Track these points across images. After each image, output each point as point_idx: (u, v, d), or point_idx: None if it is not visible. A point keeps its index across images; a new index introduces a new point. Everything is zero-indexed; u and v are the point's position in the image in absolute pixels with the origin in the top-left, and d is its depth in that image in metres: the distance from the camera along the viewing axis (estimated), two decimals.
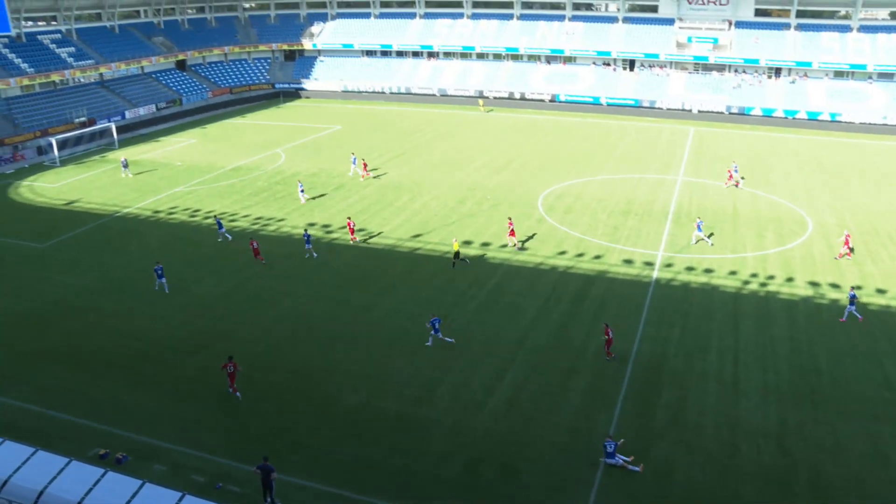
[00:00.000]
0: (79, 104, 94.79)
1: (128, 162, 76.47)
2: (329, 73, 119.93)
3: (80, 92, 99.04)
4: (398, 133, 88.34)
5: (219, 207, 60.42)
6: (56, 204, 63.99)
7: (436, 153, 77.07)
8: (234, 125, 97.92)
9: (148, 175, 72.10)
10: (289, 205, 60.43)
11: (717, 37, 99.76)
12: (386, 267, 47.28)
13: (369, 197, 61.98)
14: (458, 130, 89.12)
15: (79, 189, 68.34)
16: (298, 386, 34.60)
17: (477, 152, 76.84)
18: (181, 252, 51.18)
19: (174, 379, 35.45)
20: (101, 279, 47.14)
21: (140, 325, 40.81)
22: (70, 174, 74.57)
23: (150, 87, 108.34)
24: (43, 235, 55.79)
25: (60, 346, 38.83)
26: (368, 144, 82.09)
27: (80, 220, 59.23)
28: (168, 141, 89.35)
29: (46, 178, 73.72)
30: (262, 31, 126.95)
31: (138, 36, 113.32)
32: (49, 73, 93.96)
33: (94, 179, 71.58)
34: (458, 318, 40.44)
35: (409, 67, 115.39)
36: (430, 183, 65.54)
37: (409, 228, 54.04)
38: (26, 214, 61.51)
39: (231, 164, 74.90)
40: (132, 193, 65.75)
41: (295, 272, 47.01)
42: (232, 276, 46.83)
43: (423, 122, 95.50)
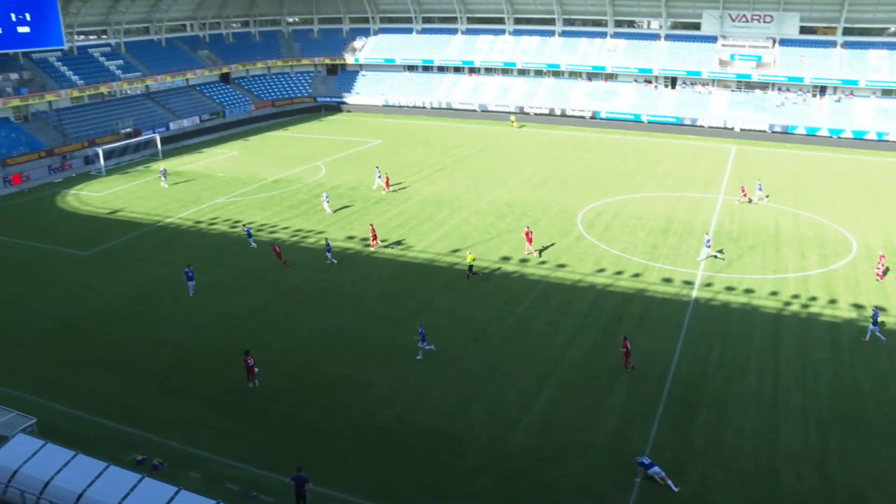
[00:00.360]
0: (125, 115, 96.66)
1: (167, 172, 77.65)
2: (370, 87, 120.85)
3: (126, 103, 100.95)
4: (438, 148, 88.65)
5: (259, 219, 61.07)
6: (100, 213, 65.16)
7: (476, 168, 77.18)
8: (275, 138, 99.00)
9: (190, 186, 73.15)
10: (328, 217, 60.88)
11: (760, 54, 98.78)
12: (424, 281, 47.38)
13: (408, 211, 62.22)
14: (498, 146, 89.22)
15: (123, 198, 69.53)
16: (334, 398, 34.74)
17: (517, 168, 76.81)
18: (220, 262, 51.80)
19: (211, 388, 35.81)
20: (141, 287, 47.86)
21: (178, 333, 41.33)
22: (115, 184, 75.92)
23: (195, 99, 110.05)
24: (87, 243, 56.82)
25: (102, 353, 39.45)
26: (408, 159, 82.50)
27: (123, 228, 60.25)
28: (211, 152, 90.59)
29: (92, 187, 75.14)
30: (305, 46, 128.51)
31: (184, 49, 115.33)
32: (98, 85, 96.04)
33: (138, 189, 72.81)
34: (494, 334, 40.36)
35: (450, 83, 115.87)
36: (470, 198, 65.63)
37: (447, 243, 54.12)
38: (72, 222, 62.72)
39: (272, 177, 75.71)
40: (174, 203, 66.73)
41: (333, 285, 47.29)
42: (270, 287, 47.25)
43: (463, 137, 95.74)
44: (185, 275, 47.04)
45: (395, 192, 68.09)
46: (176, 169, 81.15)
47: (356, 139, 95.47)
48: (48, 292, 47.87)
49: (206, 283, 47.81)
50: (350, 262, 51.07)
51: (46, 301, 46.46)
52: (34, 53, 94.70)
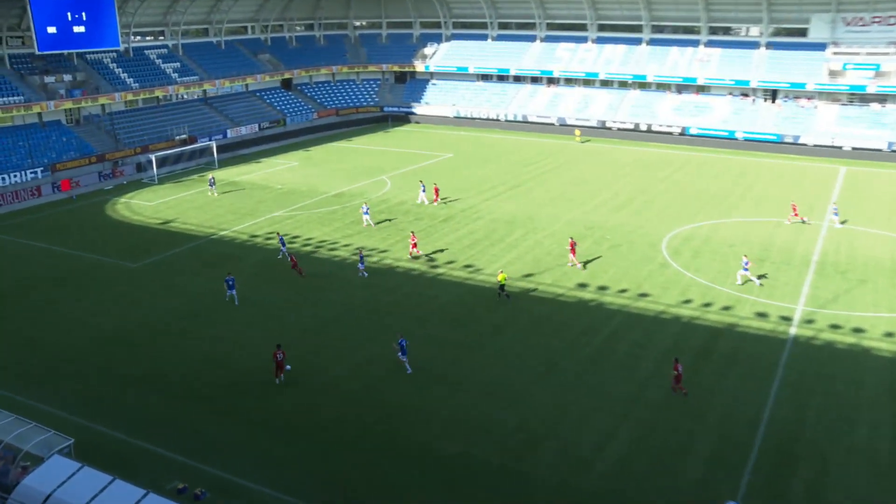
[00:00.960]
0: (180, 121, 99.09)
1: (216, 180, 79.14)
2: (441, 97, 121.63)
3: (182, 108, 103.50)
4: (512, 164, 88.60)
5: (318, 235, 61.73)
6: (151, 223, 66.71)
7: (552, 187, 76.87)
8: (338, 149, 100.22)
9: (246, 197, 74.45)
10: (393, 235, 61.22)
11: (879, 63, 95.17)
12: (493, 306, 47.17)
13: (478, 231, 62.18)
14: (577, 163, 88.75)
15: (175, 208, 71.11)
16: (393, 429, 34.66)
17: (597, 188, 76.24)
18: (276, 279, 52.45)
19: (261, 413, 36.08)
20: (191, 303, 48.71)
21: (229, 352, 41.84)
22: (167, 193, 77.75)
23: (254, 105, 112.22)
24: (136, 255, 58.18)
25: (147, 371, 40.18)
26: (480, 175, 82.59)
27: (174, 240, 61.55)
28: (269, 162, 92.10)
29: (144, 195, 77.06)
30: (373, 51, 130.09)
31: (244, 52, 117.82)
32: (153, 88, 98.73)
33: (192, 199, 74.38)
34: (568, 367, 39.86)
35: (526, 94, 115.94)
36: (545, 219, 65.30)
37: (519, 267, 53.84)
38: (121, 232, 64.33)
39: (334, 190, 76.56)
40: (229, 215, 67.92)
41: (397, 307, 47.40)
42: (329, 307, 47.59)
43: (539, 152, 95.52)
44: (226, 283, 49.02)
45: (464, 210, 68.14)
46: (232, 179, 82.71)
47: (425, 152, 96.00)
48: (94, 304, 49.09)
49: (260, 301, 48.45)
50: (415, 283, 51.20)
51: (92, 313, 47.64)
52: (89, 54, 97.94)
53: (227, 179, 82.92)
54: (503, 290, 48.21)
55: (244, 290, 50.17)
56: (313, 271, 53.70)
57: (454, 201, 71.14)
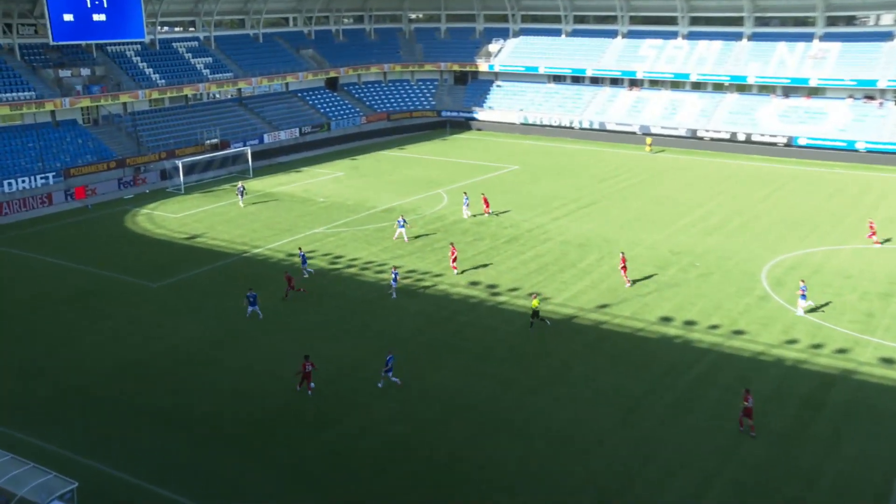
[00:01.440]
0: (212, 123, 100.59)
1: (245, 190, 80.00)
2: (507, 100, 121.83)
3: (213, 109, 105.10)
4: (587, 178, 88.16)
5: (364, 255, 61.96)
6: (176, 237, 67.66)
7: (633, 205, 76.35)
8: (389, 158, 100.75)
9: (284, 211, 75.20)
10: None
11: None
12: (562, 342, 46.75)
13: (547, 254, 61.86)
14: (662, 178, 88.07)
15: (204, 221, 72.06)
16: (442, 480, 34.36)
17: (686, 207, 75.45)
18: (316, 304, 52.67)
19: (295, 457, 36.04)
20: (219, 329, 49.07)
21: (260, 387, 41.97)
22: (195, 204, 78.86)
23: (295, 107, 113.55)
24: (158, 273, 58.98)
25: (167, 405, 40.45)
26: (550, 190, 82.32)
27: (202, 257, 62.30)
28: (311, 172, 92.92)
29: (168, 206, 78.28)
30: (430, 48, 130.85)
31: (284, 47, 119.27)
32: (181, 86, 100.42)
33: (223, 212, 75.34)
34: (648, 414, 39.20)
35: (604, 98, 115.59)
36: (624, 241, 64.72)
37: (593, 296, 53.38)
38: (143, 247, 65.31)
39: (383, 205, 76.95)
40: (265, 231, 68.55)
41: (451, 340, 47.22)
42: (375, 337, 47.57)
43: (618, 165, 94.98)
44: (247, 299, 50.64)
45: (531, 230, 67.93)
46: (268, 190, 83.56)
47: (487, 163, 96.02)
48: (109, 328, 49.76)
49: (296, 328, 48.67)
50: (474, 312, 51.02)
51: (106, 339, 48.27)
52: (110, 46, 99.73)
53: (264, 190, 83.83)
54: (537, 316, 48.73)
55: (279, 315, 50.53)
56: (357, 296, 53.84)
57: (504, 213, 71.34)
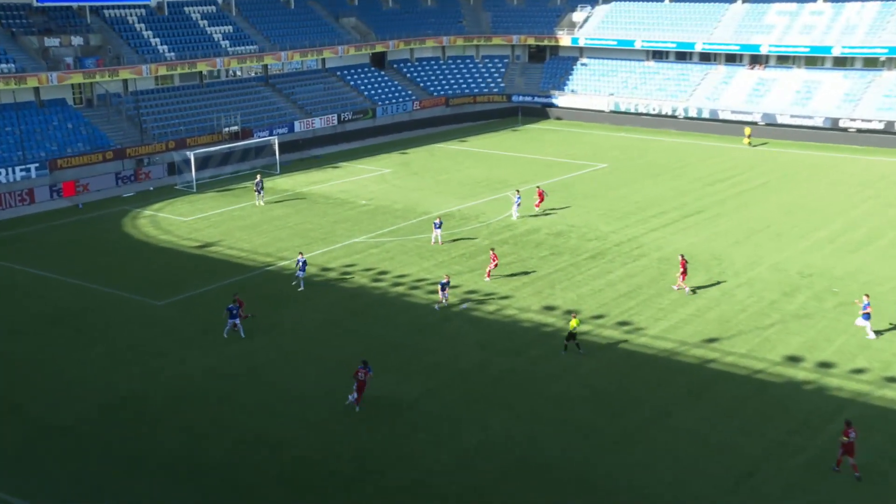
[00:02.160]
0: (231, 107, 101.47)
1: (263, 184, 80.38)
2: (594, 82, 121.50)
3: (234, 90, 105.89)
4: (693, 180, 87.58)
5: (415, 270, 61.83)
6: (186, 245, 68.22)
7: (752, 214, 75.67)
8: (448, 152, 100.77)
9: (318, 215, 75.61)
10: (518, 275, 60.89)
11: None
12: (658, 384, 46.18)
13: (640, 274, 61.31)
14: (790, 180, 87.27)
15: (220, 227, 72.62)
16: None
17: (822, 217, 74.56)
18: (357, 329, 52.56)
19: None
20: (235, 360, 49.05)
21: (287, 431, 41.86)
22: (209, 205, 79.56)
23: (333, 89, 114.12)
24: (164, 289, 59.34)
25: (172, 452, 40.48)
26: (646, 194, 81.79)
27: (216, 270, 62.65)
28: (351, 168, 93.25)
29: (177, 207, 79.06)
30: (499, 18, 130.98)
31: (321, 15, 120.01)
32: (195, 60, 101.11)
33: (243, 215, 75.90)
34: (772, 480, 38.49)
35: (718, 79, 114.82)
36: (739, 260, 64.00)
37: (698, 328, 52.72)
38: (145, 257, 65.92)
39: (439, 209, 77.01)
40: (294, 239, 68.77)
41: (521, 378, 46.82)
42: (429, 372, 47.24)
43: (734, 164, 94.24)
44: (228, 311, 50.97)
45: (620, 244, 67.43)
46: (299, 189, 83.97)
47: (568, 160, 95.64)
48: (103, 356, 49.96)
49: (334, 361, 48.40)
50: (549, 344, 50.58)
51: (98, 369, 48.41)
52: (107, 9, 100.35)
53: (294, 190, 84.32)
54: (573, 339, 49.36)
55: (311, 344, 50.52)
56: (405, 321, 53.70)
57: (554, 210, 70.61)
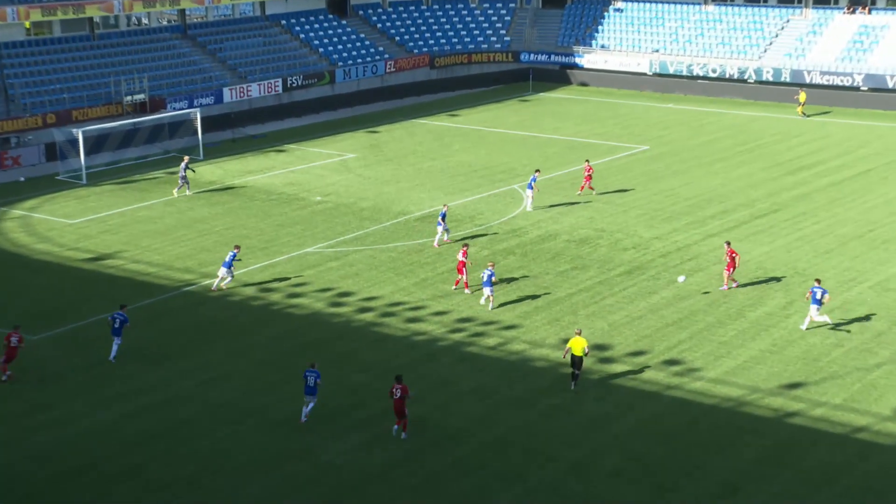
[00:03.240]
0: (135, 68, 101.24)
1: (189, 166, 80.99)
2: (631, 34, 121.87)
3: (139, 44, 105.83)
4: (768, 167, 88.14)
5: (387, 292, 61.68)
6: (72, 258, 68.08)
7: (848, 214, 76.02)
8: (433, 130, 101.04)
9: (258, 216, 75.69)
10: (530, 298, 60.81)
11: None
12: (721, 447, 45.98)
13: (695, 295, 61.14)
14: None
15: (120, 232, 72.46)
16: None
17: None
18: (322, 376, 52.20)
19: None
20: (146, 416, 48.67)
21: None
22: (105, 202, 79.55)
23: (277, 44, 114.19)
24: (40, 319, 58.83)
25: None
26: (702, 187, 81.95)
27: (115, 292, 61.91)
28: (302, 152, 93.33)
29: (59, 205, 78.99)
30: None
31: None
32: (82, 2, 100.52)
33: (152, 217, 75.87)
34: None
35: (801, 28, 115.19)
36: (831, 276, 63.90)
37: (775, 369, 52.56)
38: (13, 275, 65.68)
39: (420, 208, 77.18)
40: (223, 250, 68.24)
41: (533, 439, 46.54)
42: (414, 431, 47.13)
43: (825, 145, 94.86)
44: (111, 322, 51.83)
45: (668, 254, 67.40)
46: (230, 181, 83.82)
47: (596, 141, 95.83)
48: None
49: (280, 417, 48.30)
50: (565, 391, 50.16)
51: None
52: None
53: (223, 181, 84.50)
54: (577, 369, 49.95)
55: (244, 394, 50.12)
56: (377, 361, 53.43)
57: (582, 204, 70.60)
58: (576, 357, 49.41)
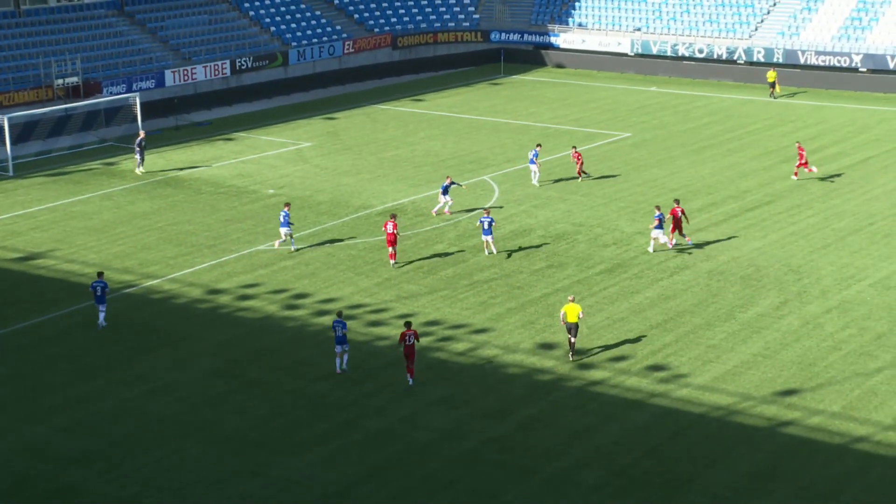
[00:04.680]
0: (67, 48, 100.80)
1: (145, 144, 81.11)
2: (612, 11, 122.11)
3: (70, 21, 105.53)
4: (759, 155, 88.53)
5: (347, 293, 61.65)
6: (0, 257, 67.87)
7: (846, 206, 76.39)
8: (396, 116, 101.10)
9: (205, 211, 75.65)
10: (499, 299, 60.93)
11: None
12: (711, 459, 46.14)
13: (683, 294, 61.34)
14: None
15: (51, 229, 72.32)
16: None
17: None
18: (264, 387, 52.10)
19: None
20: (79, 431, 48.54)
21: None
22: (35, 196, 79.35)
23: (224, 21, 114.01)
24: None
25: None
26: (689, 176, 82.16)
27: (44, 296, 62.28)
28: (253, 141, 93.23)
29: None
30: None
31: None
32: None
33: (87, 212, 75.69)
34: None
35: (795, 3, 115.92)
36: (829, 274, 64.30)
37: (768, 374, 52.66)
38: None
39: (383, 202, 77.18)
40: (166, 248, 68.52)
41: (507, 453, 46.76)
42: (369, 447, 47.05)
43: (821, 131, 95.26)
44: (93, 291, 53.31)
45: (651, 253, 67.55)
46: (173, 173, 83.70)
47: (575, 127, 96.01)
48: None
49: (229, 430, 48.23)
50: (541, 400, 50.39)
51: None
52: None
53: (165, 173, 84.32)
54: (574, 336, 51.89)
55: (190, 406, 49.83)
56: (332, 368, 53.38)
57: (560, 198, 70.77)
58: (570, 324, 50.93)
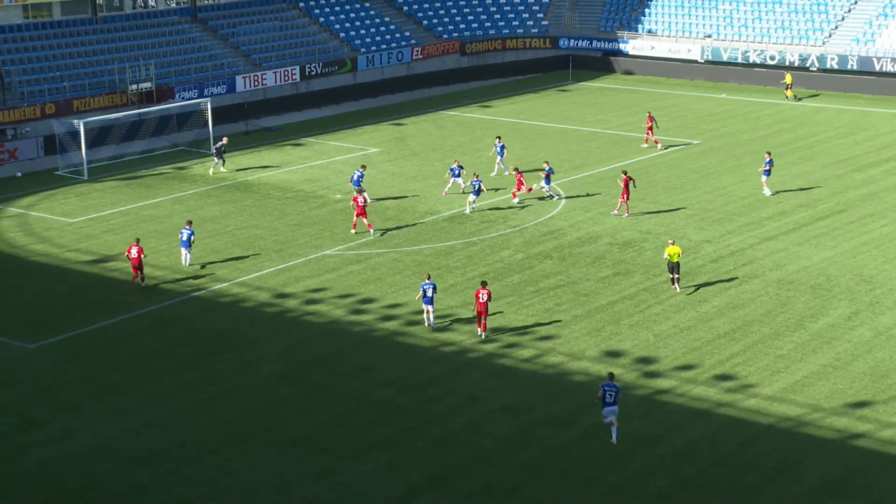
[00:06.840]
0: (142, 54, 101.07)
1: (226, 149, 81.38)
2: (682, 17, 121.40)
3: (145, 28, 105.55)
4: (833, 163, 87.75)
5: (413, 298, 61.10)
6: (71, 260, 68.05)
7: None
8: (463, 123, 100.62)
9: (273, 214, 75.56)
10: (568, 306, 60.48)
11: None
12: (779, 471, 45.51)
13: (751, 304, 60.56)
14: None
15: (124, 232, 72.12)
16: None
17: None
18: (330, 391, 51.99)
19: None
20: (146, 433, 48.45)
21: None
22: (108, 200, 79.49)
23: (294, 27, 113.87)
24: (37, 327, 58.76)
25: None
26: (758, 186, 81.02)
27: (118, 298, 62.25)
28: (321, 146, 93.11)
29: (59, 203, 79.00)
30: None
31: None
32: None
33: (158, 216, 75.76)
34: None
35: (872, 9, 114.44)
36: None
37: (839, 385, 51.96)
38: (8, 278, 65.60)
39: (449, 207, 76.90)
40: (233, 249, 68.44)
41: (570, 461, 46.26)
42: (432, 453, 46.60)
43: (891, 139, 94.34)
44: (181, 237, 55.75)
45: (719, 258, 66.90)
46: (242, 177, 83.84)
47: (642, 134, 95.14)
48: None
49: (293, 436, 48.04)
50: (598, 404, 49.87)
51: None
52: None
53: (235, 178, 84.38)
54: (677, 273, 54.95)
55: (255, 410, 49.80)
56: (397, 374, 53.01)
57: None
58: (673, 263, 54.02)
